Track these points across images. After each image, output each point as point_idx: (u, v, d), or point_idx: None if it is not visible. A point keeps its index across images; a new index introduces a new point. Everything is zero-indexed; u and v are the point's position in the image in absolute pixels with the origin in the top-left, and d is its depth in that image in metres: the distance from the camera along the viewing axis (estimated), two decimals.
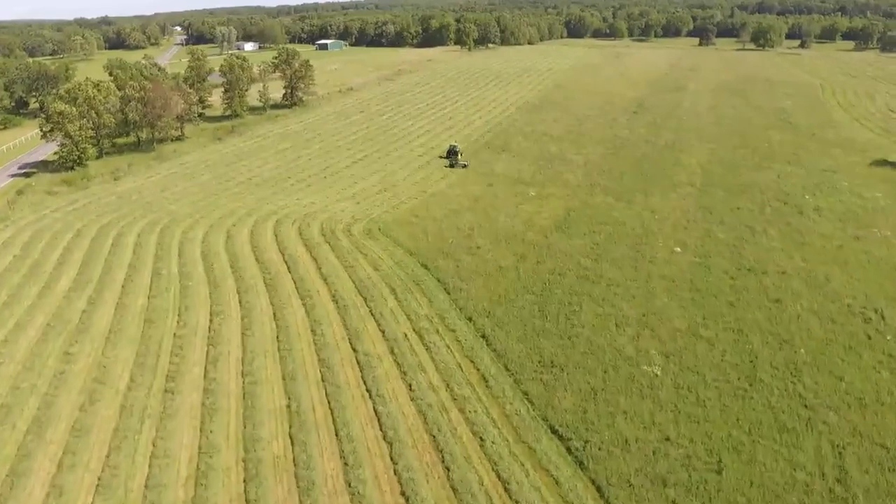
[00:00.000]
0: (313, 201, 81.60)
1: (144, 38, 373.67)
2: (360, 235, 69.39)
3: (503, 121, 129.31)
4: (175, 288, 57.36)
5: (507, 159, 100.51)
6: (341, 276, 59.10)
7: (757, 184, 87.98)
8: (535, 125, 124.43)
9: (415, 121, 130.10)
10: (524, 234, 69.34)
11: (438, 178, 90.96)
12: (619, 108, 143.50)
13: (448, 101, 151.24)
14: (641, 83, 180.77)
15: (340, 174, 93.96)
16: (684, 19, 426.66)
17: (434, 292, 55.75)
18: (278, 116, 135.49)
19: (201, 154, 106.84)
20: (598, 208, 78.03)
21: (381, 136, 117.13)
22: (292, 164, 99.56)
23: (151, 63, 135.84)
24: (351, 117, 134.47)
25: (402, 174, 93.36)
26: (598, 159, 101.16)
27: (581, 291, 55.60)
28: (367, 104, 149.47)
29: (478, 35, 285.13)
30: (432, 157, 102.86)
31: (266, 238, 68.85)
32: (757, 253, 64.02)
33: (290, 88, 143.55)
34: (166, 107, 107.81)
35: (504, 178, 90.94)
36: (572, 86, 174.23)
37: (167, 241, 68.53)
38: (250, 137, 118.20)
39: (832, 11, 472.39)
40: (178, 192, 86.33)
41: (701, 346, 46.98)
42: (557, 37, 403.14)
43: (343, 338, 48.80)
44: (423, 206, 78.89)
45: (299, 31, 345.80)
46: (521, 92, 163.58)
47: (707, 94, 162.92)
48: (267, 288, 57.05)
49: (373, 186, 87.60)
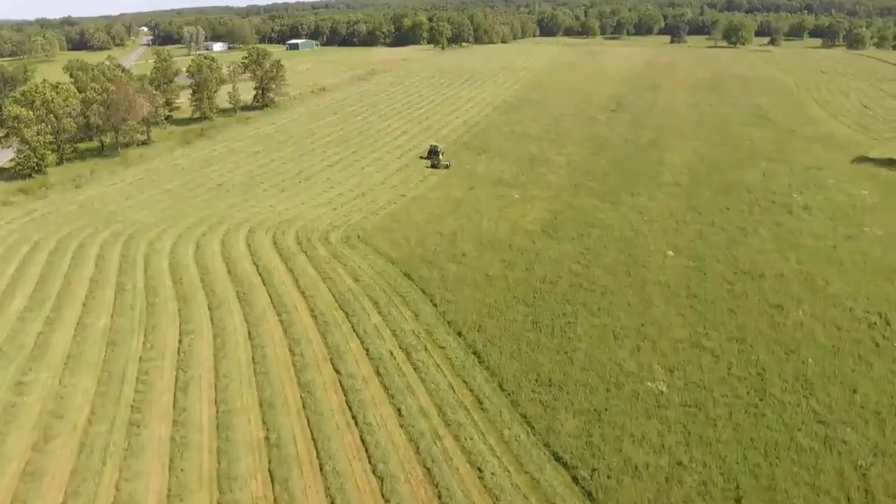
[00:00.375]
0: (287, 208, 77.76)
1: (109, 39, 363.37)
2: (339, 244, 65.84)
3: (481, 121, 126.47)
4: (141, 305, 53.28)
5: (487, 160, 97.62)
6: (320, 288, 55.55)
7: (743, 182, 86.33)
8: (514, 125, 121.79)
9: (391, 121, 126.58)
10: (510, 239, 66.44)
11: (418, 182, 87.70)
12: (597, 106, 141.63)
13: (424, 101, 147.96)
14: (618, 81, 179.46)
15: (315, 178, 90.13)
16: (656, 17, 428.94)
17: (419, 305, 52.51)
18: (249, 118, 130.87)
19: (169, 159, 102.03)
20: (584, 210, 75.49)
21: (356, 138, 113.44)
22: (265, 169, 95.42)
23: (115, 64, 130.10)
24: (324, 119, 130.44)
25: (379, 177, 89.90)
26: (580, 159, 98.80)
27: (575, 300, 52.83)
28: (341, 105, 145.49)
29: (451, 34, 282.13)
30: (410, 159, 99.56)
31: (238, 248, 64.93)
32: (751, 255, 61.95)
33: (260, 89, 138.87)
34: (131, 110, 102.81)
35: (486, 180, 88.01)
36: (549, 84, 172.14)
37: (132, 253, 64.22)
38: (220, 141, 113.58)
39: (799, 9, 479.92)
40: (143, 200, 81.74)
41: (705, 358, 44.49)
42: (530, 35, 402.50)
43: (324, 358, 45.33)
44: (403, 211, 75.55)
45: (269, 31, 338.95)
46: (497, 91, 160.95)
47: (684, 92, 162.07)
48: (240, 303, 53.28)
49: (350, 191, 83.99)
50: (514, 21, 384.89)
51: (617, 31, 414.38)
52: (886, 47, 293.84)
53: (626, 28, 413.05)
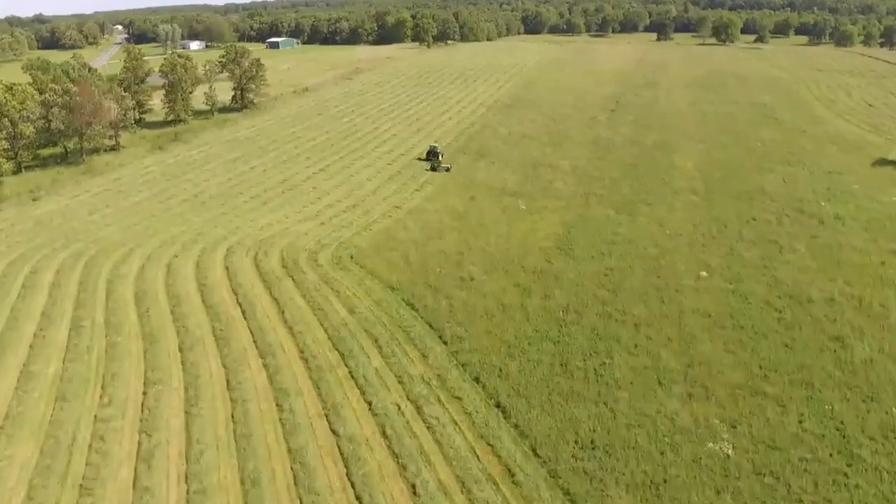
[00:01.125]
0: (270, 222, 69.94)
1: (81, 38, 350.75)
2: (329, 266, 58.25)
3: (476, 122, 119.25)
4: (99, 346, 45.37)
5: (487, 166, 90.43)
6: (310, 322, 48.00)
7: (763, 189, 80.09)
8: (512, 126, 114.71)
9: (379, 123, 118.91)
10: (522, 258, 59.32)
11: (413, 191, 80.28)
12: (595, 105, 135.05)
13: (413, 101, 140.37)
14: (612, 79, 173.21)
15: (300, 188, 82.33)
16: (641, 14, 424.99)
17: (427, 342, 45.19)
18: (227, 121, 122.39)
19: (139, 166, 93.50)
20: (599, 223, 68.61)
21: (343, 142, 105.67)
22: (244, 177, 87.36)
23: (81, 63, 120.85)
24: (308, 121, 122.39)
25: (370, 186, 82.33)
26: (585, 164, 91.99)
27: (606, 335, 45.84)
28: (325, 106, 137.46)
29: (436, 31, 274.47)
30: (403, 164, 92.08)
31: (215, 272, 57.10)
32: (793, 275, 55.43)
33: (239, 90, 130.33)
34: (96, 113, 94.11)
35: (487, 188, 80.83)
36: (542, 83, 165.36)
37: (92, 279, 56.12)
38: (196, 146, 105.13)
39: (782, 7, 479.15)
40: (109, 215, 73.41)
41: (770, 408, 37.69)
42: (515, 33, 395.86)
43: (318, 414, 37.90)
44: (399, 225, 68.09)
45: (248, 29, 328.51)
46: (489, 90, 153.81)
47: (682, 90, 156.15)
48: (217, 342, 45.59)
49: (339, 202, 76.34)
50: (498, 18, 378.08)
51: (602, 28, 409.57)
52: (873, 44, 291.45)
53: (611, 25, 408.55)
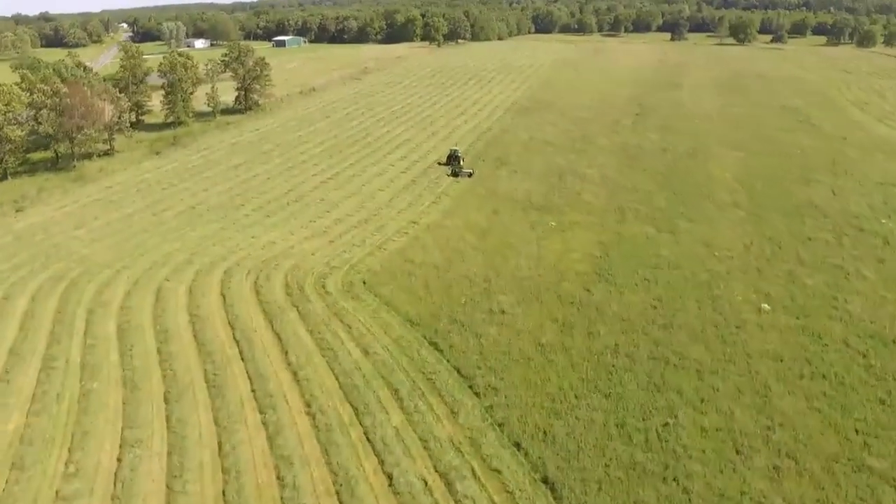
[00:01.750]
0: (273, 239, 63.24)
1: (85, 36, 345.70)
2: (339, 293, 51.52)
3: (493, 126, 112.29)
4: (72, 394, 38.79)
5: (509, 175, 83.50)
6: (317, 367, 41.26)
7: (814, 203, 72.98)
8: (532, 131, 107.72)
9: (391, 127, 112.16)
10: (557, 285, 52.47)
11: (430, 203, 73.48)
12: (618, 108, 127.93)
13: (426, 103, 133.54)
14: (632, 80, 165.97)
15: (307, 199, 75.66)
16: (654, 14, 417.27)
17: (456, 394, 38.37)
18: (230, 123, 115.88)
19: (134, 173, 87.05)
20: (638, 243, 61.65)
21: (352, 147, 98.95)
22: (247, 186, 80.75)
23: (76, 62, 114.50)
24: (315, 124, 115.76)
25: (383, 197, 75.59)
26: (615, 173, 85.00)
27: (665, 385, 38.92)
28: (333, 107, 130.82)
29: (447, 30, 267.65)
30: (418, 172, 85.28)
31: (210, 301, 50.46)
32: (869, 309, 48.37)
33: (243, 90, 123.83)
34: (88, 115, 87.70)
35: (511, 200, 73.95)
36: (560, 84, 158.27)
37: (71, 307, 49.60)
38: (196, 150, 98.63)
39: (797, 6, 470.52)
40: (97, 229, 66.89)
41: (884, 492, 30.70)
42: (525, 32, 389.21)
43: (328, 491, 31.21)
44: (416, 244, 61.27)
45: (255, 27, 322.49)
46: (505, 91, 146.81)
47: (707, 93, 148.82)
48: (209, 391, 38.94)
49: (349, 216, 69.61)
50: (509, 18, 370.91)
51: (614, 28, 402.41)
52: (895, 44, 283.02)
53: (623, 25, 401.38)
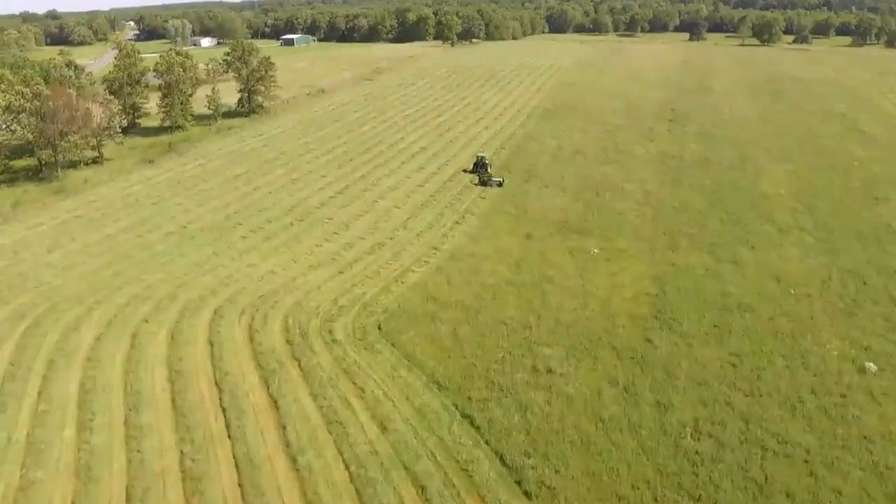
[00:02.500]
0: (274, 268, 54.64)
1: (91, 34, 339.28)
2: (350, 342, 42.86)
3: (516, 132, 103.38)
4: (6, 488, 30.31)
5: (539, 191, 74.65)
6: (323, 449, 32.60)
7: (890, 225, 63.91)
8: (560, 138, 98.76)
9: (405, 133, 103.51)
10: (611, 332, 43.66)
11: (452, 223, 64.74)
12: (650, 114, 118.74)
13: (442, 107, 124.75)
14: (659, 83, 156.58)
15: (313, 217, 67.08)
16: (671, 14, 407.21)
17: (500, 494, 29.65)
18: (232, 128, 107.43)
19: (122, 185, 78.73)
20: (698, 277, 52.71)
21: (364, 156, 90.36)
22: (246, 201, 72.27)
23: (66, 61, 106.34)
24: (324, 129, 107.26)
25: (399, 216, 66.93)
26: (657, 188, 76.05)
27: (770, 486, 30.03)
28: (343, 111, 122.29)
29: (460, 29, 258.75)
30: (437, 186, 76.59)
31: (195, 351, 41.91)
32: None
33: (246, 92, 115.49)
34: (74, 120, 79.54)
35: (545, 221, 65.09)
36: (583, 86, 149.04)
37: (28, 357, 41.21)
38: (193, 158, 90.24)
39: (817, 6, 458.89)
40: (73, 253, 58.52)
41: None
42: (539, 31, 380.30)
43: None
44: (440, 278, 52.52)
45: (262, 26, 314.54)
46: (526, 94, 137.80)
47: (742, 97, 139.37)
48: (184, 485, 30.43)
49: (361, 239, 60.95)
50: (523, 17, 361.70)
51: (630, 28, 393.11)
52: None
53: (640, 25, 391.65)
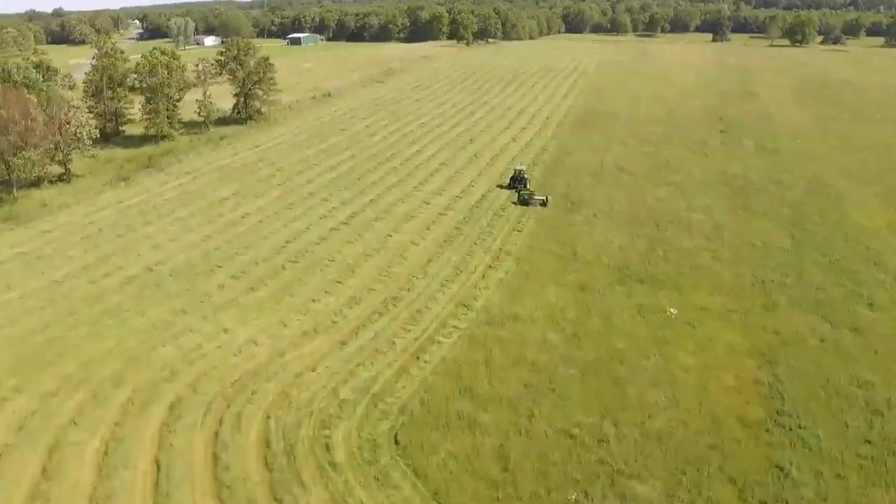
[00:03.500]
0: (255, 335, 41.72)
1: (93, 32, 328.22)
2: (354, 466, 29.96)
3: (549, 145, 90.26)
4: None
5: (587, 222, 61.48)
6: None
7: None
8: (600, 153, 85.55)
9: (421, 144, 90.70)
10: (721, 451, 30.60)
11: (484, 268, 51.71)
12: (696, 123, 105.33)
13: (461, 113, 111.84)
14: (698, 87, 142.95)
15: (311, 256, 54.25)
16: (692, 13, 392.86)
17: None
18: (225, 137, 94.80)
19: (87, 210, 66.23)
20: (813, 351, 39.49)
21: (374, 174, 77.59)
22: (231, 233, 59.54)
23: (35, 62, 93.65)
24: (329, 139, 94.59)
25: (417, 257, 53.97)
26: (728, 219, 62.76)
27: None
28: (351, 117, 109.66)
29: (476, 28, 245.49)
30: (462, 213, 63.59)
31: (133, 478, 29.07)
32: None
33: (242, 96, 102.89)
34: (31, 131, 67.20)
35: (599, 265, 51.97)
36: (614, 91, 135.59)
37: None
38: (175, 175, 77.69)
39: (842, 6, 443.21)
40: (1, 307, 45.98)
41: None
42: (555, 31, 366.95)
43: None
44: (475, 353, 39.44)
45: (269, 24, 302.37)
46: (554, 99, 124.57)
47: (792, 103, 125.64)
48: None
49: (369, 290, 48.00)
50: (539, 16, 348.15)
51: (649, 28, 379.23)
52: None
53: (660, 25, 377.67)
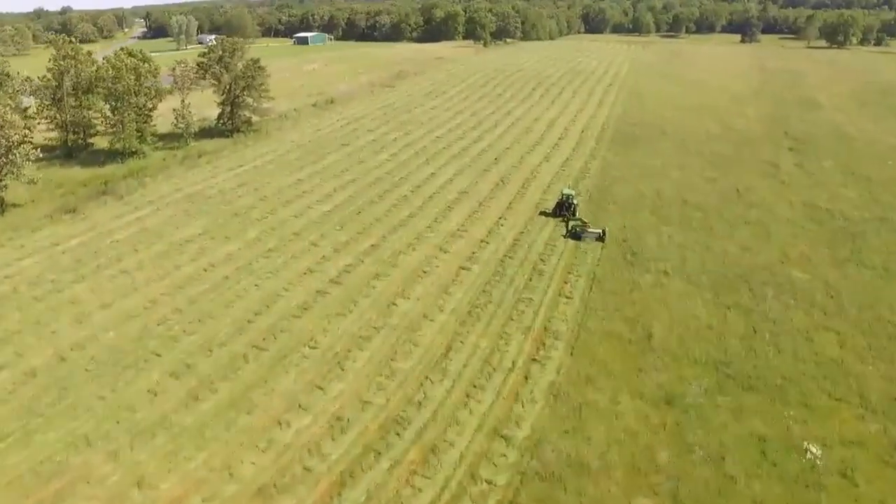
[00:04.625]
0: (184, 499, 27.17)
1: (95, 31, 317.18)
2: None
3: (590, 167, 75.10)
4: None
5: (657, 283, 46.30)
6: None
7: None
8: (653, 178, 70.26)
9: (435, 166, 75.90)
10: None
11: (525, 361, 36.82)
12: (756, 138, 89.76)
13: (482, 125, 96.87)
14: (746, 94, 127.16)
15: (284, 339, 39.46)
16: (719, 13, 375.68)
17: None
18: (204, 154, 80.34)
19: (9, 256, 51.97)
20: None
21: (378, 205, 62.78)
22: (183, 298, 44.88)
23: None
24: (326, 156, 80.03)
25: (432, 341, 39.11)
26: (840, 277, 47.51)
27: None
28: (355, 129, 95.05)
29: (495, 27, 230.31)
30: (491, 268, 48.68)
31: None
32: None
33: (229, 105, 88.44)
34: None
35: (686, 359, 36.85)
36: (656, 98, 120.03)
37: None
38: (135, 206, 63.24)
39: (876, 5, 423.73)
40: None
41: None
42: (575, 31, 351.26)
43: None
44: None
45: (276, 22, 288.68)
46: (587, 108, 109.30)
47: (860, 114, 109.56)
48: None
49: (362, 405, 33.16)
50: (559, 15, 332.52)
51: (674, 28, 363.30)
52: None
53: (684, 25, 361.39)
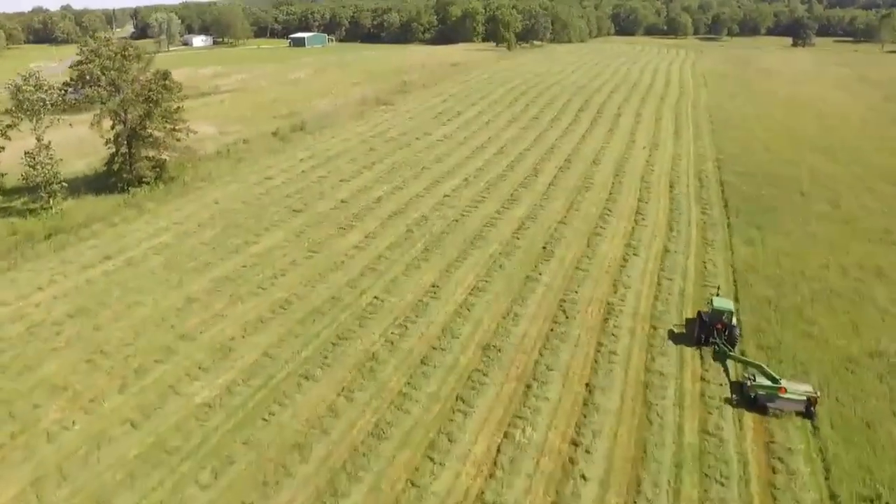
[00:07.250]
0: None
1: (78, 31, 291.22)
2: None
3: (711, 255, 42.63)
4: None
5: None
6: None
7: None
8: (842, 274, 37.80)
9: (440, 265, 43.78)
10: None
11: None
12: None
13: (515, 172, 64.37)
14: (868, 116, 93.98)
15: None
16: (764, 13, 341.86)
17: None
18: (73, 228, 49.09)
19: None
20: None
21: (337, 365, 31.06)
22: None
23: None
24: (261, 236, 48.24)
25: None
26: None
27: None
28: (322, 178, 62.88)
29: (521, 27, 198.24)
30: None
31: None
32: None
33: (123, 142, 56.72)
34: None
35: None
36: (752, 126, 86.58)
37: None
38: None
39: None
40: None
41: None
42: (605, 33, 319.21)
43: None
44: None
45: (272, 21, 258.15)
46: (664, 138, 76.73)
47: None
48: None
49: None
50: (589, 16, 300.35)
51: (714, 30, 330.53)
52: None
53: (726, 26, 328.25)
